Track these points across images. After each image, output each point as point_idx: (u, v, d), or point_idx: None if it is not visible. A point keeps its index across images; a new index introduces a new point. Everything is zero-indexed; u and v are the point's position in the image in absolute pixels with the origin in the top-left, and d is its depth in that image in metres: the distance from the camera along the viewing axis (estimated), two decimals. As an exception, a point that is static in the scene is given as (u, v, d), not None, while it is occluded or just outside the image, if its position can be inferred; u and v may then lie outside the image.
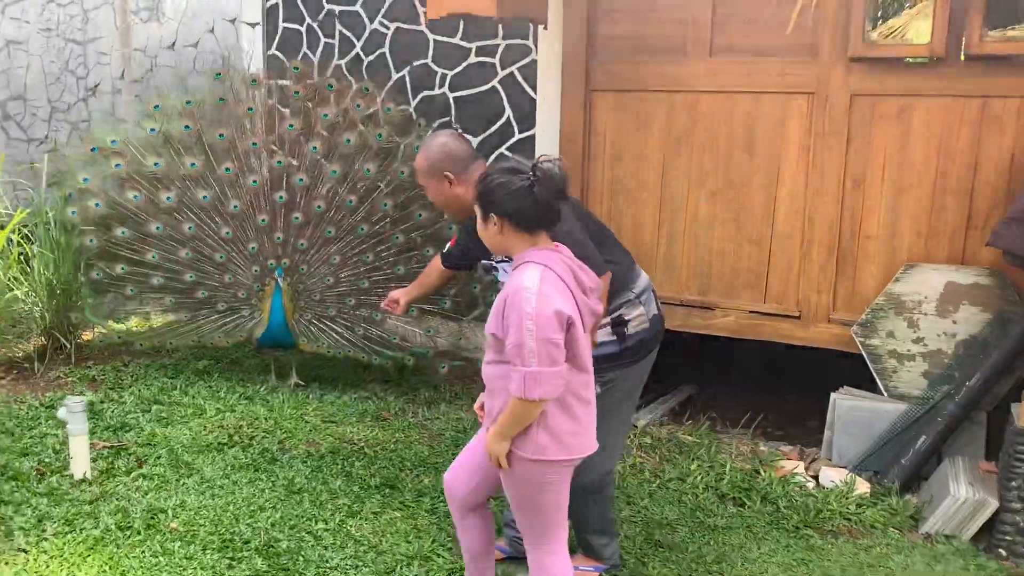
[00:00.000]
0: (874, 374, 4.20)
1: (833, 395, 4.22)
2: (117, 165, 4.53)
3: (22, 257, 5.00)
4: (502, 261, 2.97)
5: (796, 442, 4.52)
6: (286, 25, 5.83)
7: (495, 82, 5.22)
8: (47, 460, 3.71)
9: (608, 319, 2.85)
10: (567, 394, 2.33)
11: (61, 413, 3.46)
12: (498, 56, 5.18)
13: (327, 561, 3.04)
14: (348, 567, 3.02)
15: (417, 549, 3.14)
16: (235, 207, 4.61)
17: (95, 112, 7.28)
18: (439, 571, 3.01)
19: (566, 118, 4.95)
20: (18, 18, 6.64)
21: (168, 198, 4.53)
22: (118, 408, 4.28)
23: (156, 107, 4.56)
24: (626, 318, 2.90)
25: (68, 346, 4.89)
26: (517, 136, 5.20)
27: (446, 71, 5.36)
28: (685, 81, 4.62)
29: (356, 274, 4.80)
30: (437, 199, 2.96)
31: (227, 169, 4.59)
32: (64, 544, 3.08)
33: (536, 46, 5.04)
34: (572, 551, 2.84)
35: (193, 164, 4.55)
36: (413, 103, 5.48)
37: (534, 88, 5.11)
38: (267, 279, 4.68)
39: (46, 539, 3.11)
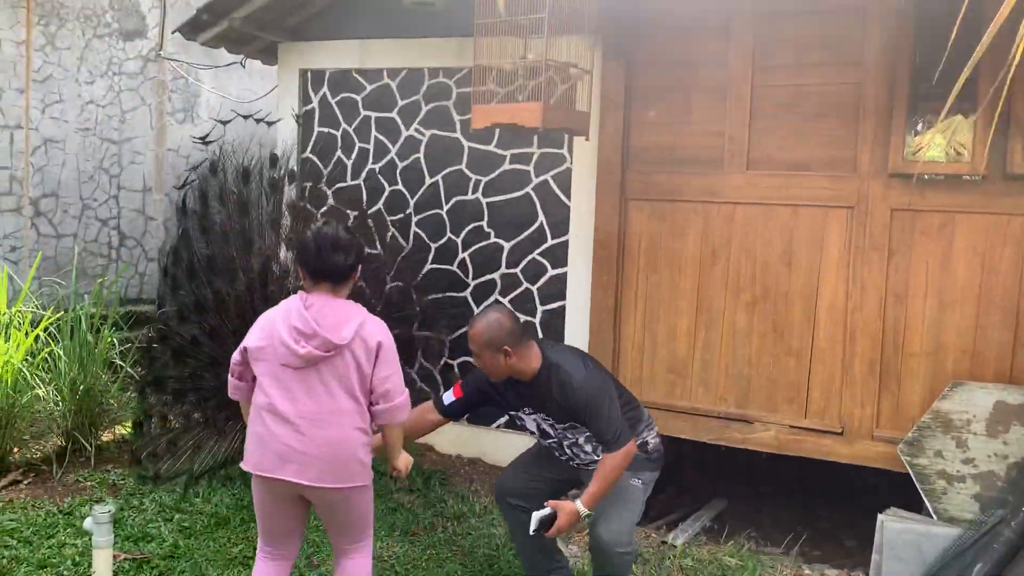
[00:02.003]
0: (923, 495, 4.05)
1: (881, 517, 4.06)
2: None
3: (48, 355, 4.92)
4: (531, 413, 3.36)
5: (840, 564, 4.34)
6: (321, 129, 5.92)
7: (529, 188, 5.24)
8: (65, 574, 3.55)
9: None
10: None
11: (87, 524, 3.31)
12: (533, 164, 5.22)
13: None
14: None
15: None
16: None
17: (124, 209, 7.36)
18: None
19: (601, 225, 4.95)
20: (57, 118, 6.77)
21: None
22: (139, 516, 4.14)
23: None
24: (648, 440, 3.51)
25: (89, 447, 4.77)
26: (550, 241, 5.19)
27: (480, 177, 5.39)
28: (721, 192, 4.63)
29: None
30: (489, 367, 3.23)
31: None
32: None
33: (571, 154, 5.08)
34: None
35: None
36: (446, 207, 5.50)
37: (568, 195, 5.13)
38: None
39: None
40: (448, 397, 3.45)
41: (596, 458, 3.31)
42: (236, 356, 2.89)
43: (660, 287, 4.84)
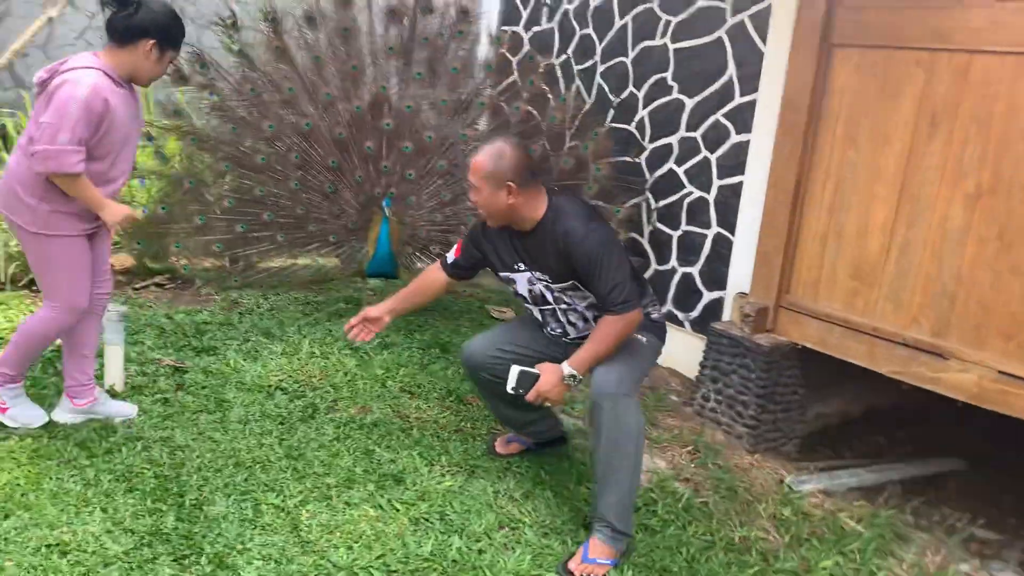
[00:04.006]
0: None
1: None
2: (209, 94, 4.21)
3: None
4: (521, 271, 2.90)
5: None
6: (524, -37, 5.31)
7: (721, 31, 4.22)
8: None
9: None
10: None
11: (104, 322, 3.26)
12: (730, 0, 4.18)
13: (229, 544, 2.53)
14: (247, 548, 2.49)
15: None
16: (340, 135, 4.25)
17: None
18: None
19: (792, 80, 3.84)
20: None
21: (270, 126, 4.22)
22: (224, 331, 4.10)
23: (234, 24, 4.17)
24: (651, 312, 2.99)
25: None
26: (737, 99, 4.16)
27: (671, 17, 4.46)
28: (954, 36, 3.30)
29: (464, 209, 4.43)
30: (486, 204, 2.78)
31: (327, 95, 4.26)
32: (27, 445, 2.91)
33: (775, -14, 3.96)
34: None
35: (291, 89, 4.23)
36: (632, 54, 4.66)
37: (764, 40, 4.04)
38: (374, 209, 4.37)
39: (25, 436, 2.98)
40: (451, 256, 3.10)
41: (594, 327, 2.85)
42: None
43: (857, 165, 3.66)
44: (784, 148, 3.89)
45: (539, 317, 3.02)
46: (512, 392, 2.70)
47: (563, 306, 2.86)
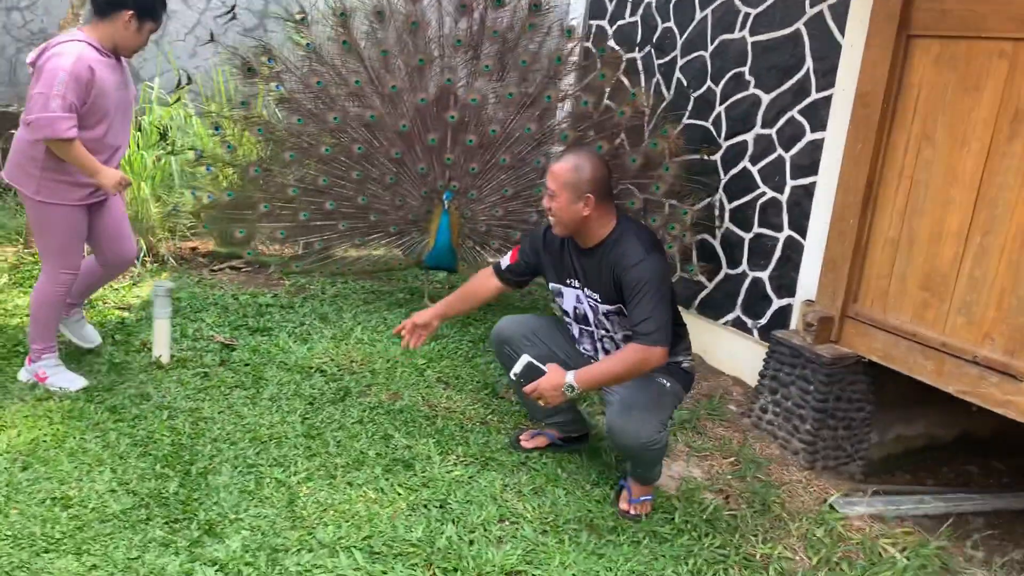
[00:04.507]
0: None
1: None
2: (277, 87, 4.32)
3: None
4: (572, 287, 2.90)
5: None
6: (612, -43, 5.21)
7: (800, 23, 3.99)
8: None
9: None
10: None
11: (153, 294, 3.45)
12: (809, -11, 3.95)
13: (223, 513, 2.61)
14: (239, 518, 2.55)
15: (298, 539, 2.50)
16: (403, 126, 4.27)
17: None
18: None
19: (866, 73, 3.59)
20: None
21: (335, 118, 4.29)
22: (283, 314, 4.23)
23: (304, 19, 4.29)
24: (682, 362, 2.99)
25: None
26: (814, 95, 3.93)
27: (750, 9, 4.26)
28: (1041, 22, 2.99)
29: (527, 205, 4.42)
30: (560, 212, 2.77)
31: (392, 87, 4.28)
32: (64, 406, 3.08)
33: (855, -26, 3.71)
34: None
35: (357, 81, 4.28)
36: (710, 48, 4.48)
37: (843, 31, 3.79)
38: (435, 201, 4.41)
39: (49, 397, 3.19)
40: (505, 261, 3.11)
41: None
42: None
43: (932, 165, 3.38)
44: (856, 146, 3.63)
45: (575, 334, 3.05)
46: (513, 377, 2.74)
47: (602, 332, 2.89)
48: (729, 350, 4.42)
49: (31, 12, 6.40)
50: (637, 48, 5.01)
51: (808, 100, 3.96)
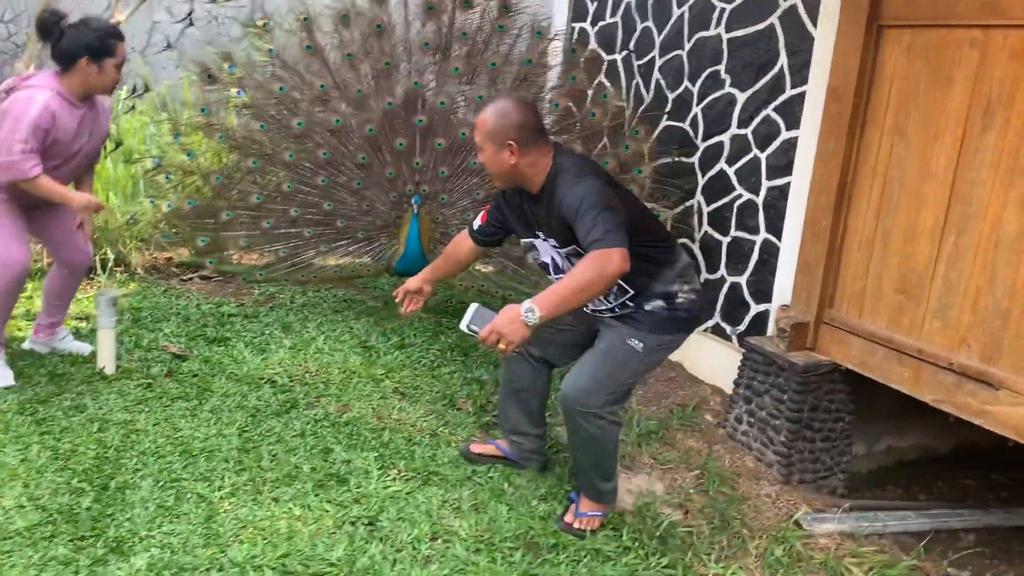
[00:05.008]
0: None
1: None
2: (238, 92, 4.23)
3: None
4: (544, 239, 2.75)
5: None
6: (593, -43, 5.08)
7: (774, 17, 3.83)
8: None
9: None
10: None
11: (97, 304, 3.37)
12: (782, -19, 3.79)
13: (134, 530, 2.48)
14: (150, 535, 2.43)
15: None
16: (370, 130, 4.16)
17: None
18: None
19: (837, 66, 3.42)
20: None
21: (299, 124, 4.18)
22: (245, 323, 4.14)
23: (265, 25, 4.21)
24: (677, 293, 2.76)
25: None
26: (788, 92, 3.76)
27: (725, 5, 4.10)
28: (1012, 10, 2.82)
29: None
30: (489, 163, 2.69)
31: (358, 91, 4.19)
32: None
33: (826, -37, 3.55)
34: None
35: (322, 86, 4.18)
36: (687, 47, 4.33)
37: (815, 23, 3.62)
38: (405, 206, 4.31)
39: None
40: (476, 222, 3.00)
41: (608, 305, 2.75)
42: None
43: (905, 162, 3.20)
44: (828, 144, 3.46)
45: None
46: (468, 331, 2.48)
47: None
48: (709, 358, 4.24)
49: (15, 25, 6.41)
50: (618, 49, 4.88)
51: (783, 97, 3.79)
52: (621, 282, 2.65)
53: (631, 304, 2.72)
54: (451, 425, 3.33)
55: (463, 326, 2.49)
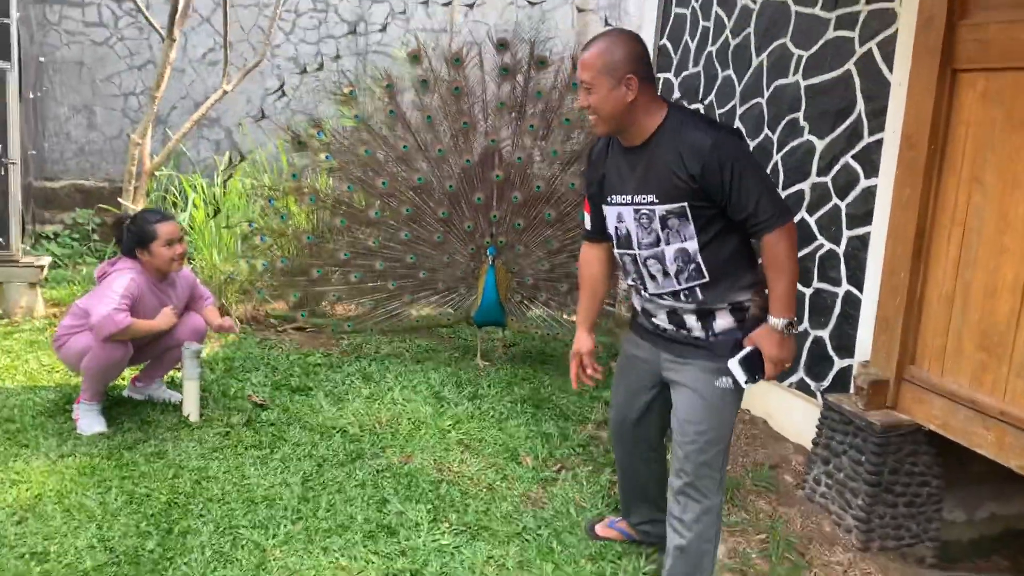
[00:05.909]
0: None
1: None
2: (327, 157, 4.49)
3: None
4: (623, 201, 2.43)
5: None
6: (678, 10, 5.09)
7: (850, 63, 3.72)
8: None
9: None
10: None
11: (184, 354, 3.62)
12: (858, 28, 3.68)
13: (188, 574, 2.60)
14: None
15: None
16: (450, 187, 4.34)
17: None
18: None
19: (911, 112, 3.30)
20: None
21: (383, 183, 4.41)
22: (328, 373, 4.31)
23: (351, 92, 4.43)
24: (747, 305, 2.46)
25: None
26: (866, 139, 3.63)
27: (802, 52, 4.03)
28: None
29: (572, 258, 4.40)
30: (602, 104, 2.33)
31: (439, 151, 4.41)
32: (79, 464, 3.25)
33: (902, 6, 3.44)
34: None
35: (405, 147, 4.39)
36: (766, 95, 4.26)
37: (891, 68, 3.50)
38: (482, 258, 4.47)
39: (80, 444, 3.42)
40: (585, 219, 2.71)
41: (674, 287, 2.43)
42: None
43: (983, 210, 3.03)
44: (904, 191, 3.32)
45: (619, 261, 2.61)
46: (751, 384, 2.36)
47: (646, 250, 2.42)
48: (793, 415, 4.08)
49: (145, 97, 6.98)
50: (700, 98, 4.85)
51: (861, 144, 3.67)
52: (700, 261, 2.37)
53: (699, 296, 2.41)
54: (509, 479, 3.34)
55: (743, 383, 2.36)
